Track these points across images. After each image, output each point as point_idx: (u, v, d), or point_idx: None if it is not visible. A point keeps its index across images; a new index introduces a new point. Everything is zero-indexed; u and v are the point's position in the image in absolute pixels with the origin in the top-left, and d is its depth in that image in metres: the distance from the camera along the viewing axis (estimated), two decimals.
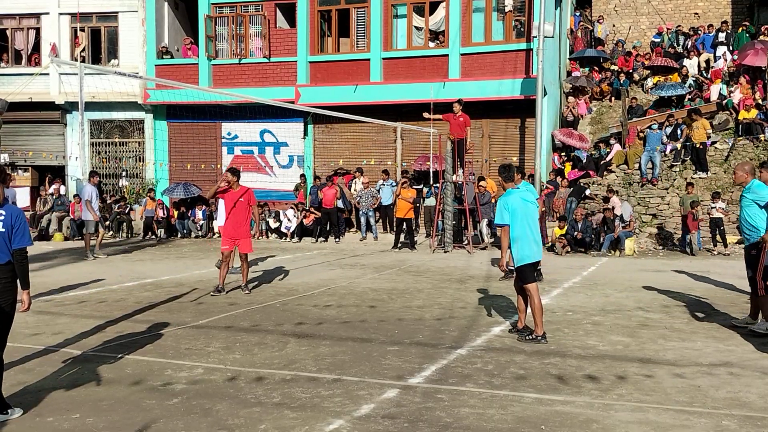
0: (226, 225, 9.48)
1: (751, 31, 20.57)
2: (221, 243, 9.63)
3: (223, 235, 9.66)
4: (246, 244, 9.45)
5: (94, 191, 13.81)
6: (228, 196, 9.41)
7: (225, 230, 9.55)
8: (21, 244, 4.59)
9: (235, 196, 9.36)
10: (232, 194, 9.38)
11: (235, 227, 9.36)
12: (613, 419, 4.49)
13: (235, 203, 9.33)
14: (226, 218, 9.51)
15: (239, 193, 9.38)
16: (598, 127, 19.59)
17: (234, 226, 9.36)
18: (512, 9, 17.74)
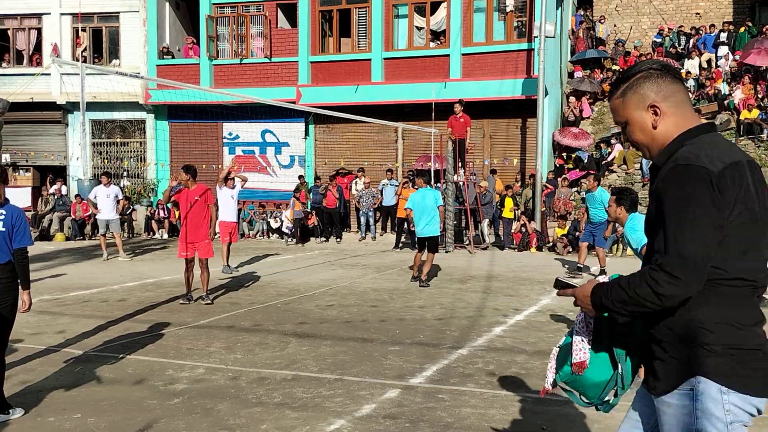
0: (184, 229, 8.66)
1: (753, 31, 20.54)
2: (179, 249, 8.70)
3: (181, 240, 8.73)
4: (205, 248, 8.63)
5: (100, 190, 13.74)
6: (183, 197, 8.64)
7: (181, 235, 8.72)
8: (22, 244, 4.58)
9: (191, 196, 8.60)
10: (187, 194, 8.62)
11: (193, 230, 8.55)
12: (615, 419, 4.49)
13: (192, 204, 8.57)
14: (182, 220, 8.75)
15: (195, 193, 8.61)
16: (599, 127, 19.58)
17: (191, 230, 8.55)
18: (513, 9, 17.73)
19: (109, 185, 13.93)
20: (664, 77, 2.04)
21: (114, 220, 13.89)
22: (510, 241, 15.62)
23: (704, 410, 1.91)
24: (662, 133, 2.04)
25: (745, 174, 1.92)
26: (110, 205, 13.75)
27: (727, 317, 1.92)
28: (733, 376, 1.91)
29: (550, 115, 17.75)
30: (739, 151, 2.01)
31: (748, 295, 1.95)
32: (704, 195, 1.85)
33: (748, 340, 1.93)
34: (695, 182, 1.86)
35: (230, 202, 11.77)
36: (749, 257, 1.93)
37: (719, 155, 1.90)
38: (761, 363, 1.93)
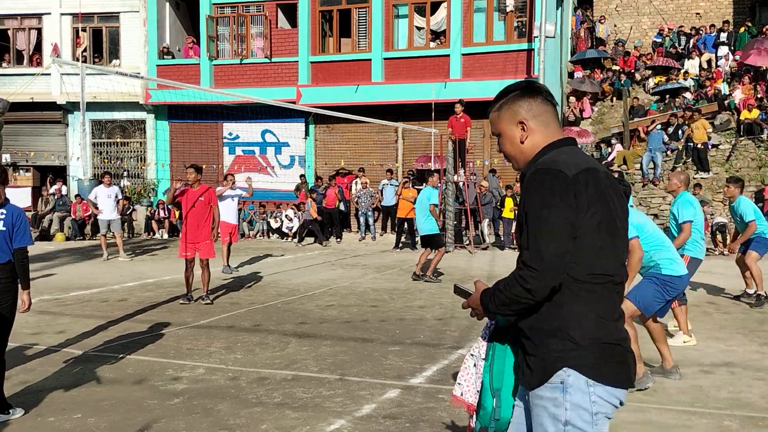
0: (185, 229, 8.59)
1: (753, 31, 20.54)
2: (180, 249, 8.64)
3: (182, 240, 8.68)
4: (207, 249, 8.57)
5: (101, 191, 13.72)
6: (186, 196, 8.55)
7: (183, 235, 8.64)
8: (22, 243, 4.57)
9: (195, 195, 8.53)
10: (191, 194, 8.54)
11: (194, 231, 8.50)
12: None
13: (194, 203, 8.50)
14: (185, 221, 8.65)
15: (199, 193, 8.54)
16: (599, 128, 19.57)
17: (193, 230, 8.49)
18: (513, 9, 17.73)
19: (110, 185, 13.92)
20: (536, 97, 2.23)
21: (115, 220, 13.89)
22: (510, 241, 15.62)
23: (572, 402, 2.02)
24: (529, 147, 2.23)
25: (599, 179, 2.09)
26: (111, 205, 13.74)
27: (592, 312, 2.05)
28: (598, 368, 2.03)
29: None
30: (596, 162, 2.24)
31: (610, 290, 2.10)
32: (559, 196, 2.02)
33: (612, 334, 2.07)
34: (552, 184, 2.03)
35: (231, 204, 11.77)
36: (607, 254, 2.08)
37: (576, 162, 2.08)
38: (622, 356, 2.08)
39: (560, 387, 2.04)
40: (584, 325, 2.04)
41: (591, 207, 2.05)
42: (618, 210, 2.15)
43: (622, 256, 2.17)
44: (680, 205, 6.56)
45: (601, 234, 2.07)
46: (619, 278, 2.12)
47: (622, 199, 2.21)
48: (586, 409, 2.03)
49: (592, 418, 2.03)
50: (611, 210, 2.10)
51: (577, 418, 2.03)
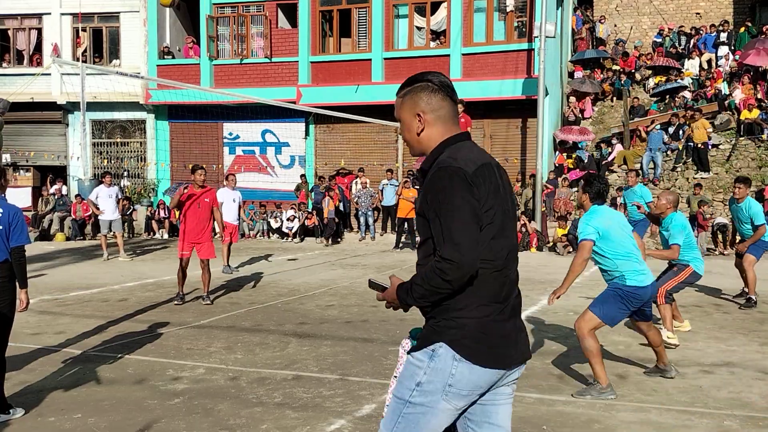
0: (188, 229, 8.57)
1: (753, 31, 20.54)
2: (180, 248, 8.60)
3: (182, 239, 8.63)
4: (208, 249, 8.59)
5: (102, 191, 13.72)
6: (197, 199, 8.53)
7: (186, 234, 8.59)
8: (19, 242, 4.56)
9: (200, 196, 8.56)
10: (195, 194, 8.55)
11: (196, 230, 8.53)
12: (615, 419, 4.49)
13: (199, 204, 8.51)
14: (185, 220, 8.61)
15: (202, 193, 8.58)
16: (599, 127, 19.58)
17: (195, 229, 8.52)
18: (514, 9, 17.73)
19: (110, 185, 13.92)
20: (437, 93, 2.36)
21: (116, 220, 13.90)
22: None
23: (434, 369, 2.21)
24: (425, 138, 2.39)
25: (494, 173, 2.28)
26: (112, 204, 13.74)
27: (475, 295, 2.22)
28: (468, 347, 2.19)
29: (550, 115, 17.75)
30: (489, 156, 2.37)
31: (494, 276, 2.25)
32: (462, 190, 2.17)
33: (490, 317, 2.23)
34: (454, 180, 2.18)
35: (232, 205, 11.76)
36: (497, 243, 2.25)
37: (473, 158, 2.25)
38: (497, 339, 2.24)
39: (430, 354, 2.23)
40: (466, 306, 2.21)
41: (488, 200, 2.22)
42: (508, 201, 2.34)
43: (510, 244, 2.31)
44: (672, 231, 6.48)
45: (494, 225, 2.24)
46: (501, 264, 2.27)
47: (511, 192, 2.40)
48: (443, 379, 2.20)
49: (444, 388, 2.19)
50: (504, 201, 2.29)
51: (429, 384, 2.21)
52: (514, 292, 2.35)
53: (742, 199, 8.35)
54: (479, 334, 2.21)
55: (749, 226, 8.39)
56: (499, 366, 2.24)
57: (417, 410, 2.23)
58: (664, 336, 6.24)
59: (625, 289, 4.97)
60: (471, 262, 2.14)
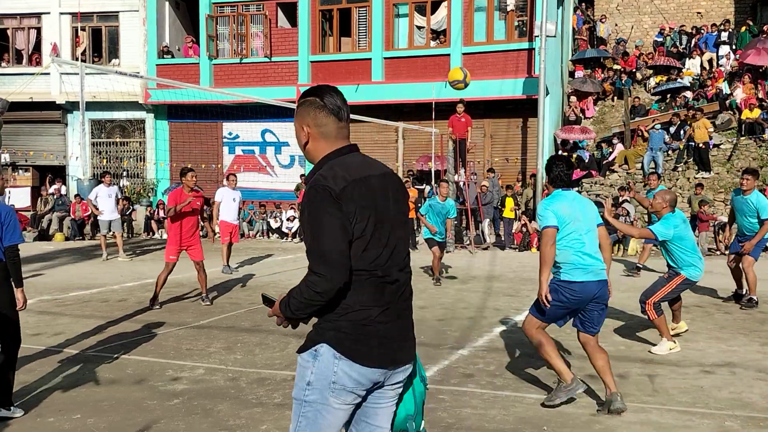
0: (179, 231, 8.39)
1: (754, 30, 20.52)
2: (168, 252, 8.39)
3: (173, 243, 8.39)
4: (198, 251, 8.52)
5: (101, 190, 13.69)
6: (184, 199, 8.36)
7: (177, 237, 8.40)
8: (12, 241, 4.58)
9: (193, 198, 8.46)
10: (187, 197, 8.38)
11: (189, 234, 8.45)
12: (616, 420, 4.47)
13: (191, 208, 8.41)
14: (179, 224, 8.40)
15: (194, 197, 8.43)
16: (600, 127, 19.56)
17: (188, 234, 8.44)
18: (514, 8, 17.71)
19: (110, 185, 13.89)
20: (322, 110, 2.48)
21: (116, 220, 13.88)
22: (511, 241, 15.61)
23: (319, 368, 2.38)
24: (311, 150, 2.53)
25: (371, 186, 2.41)
26: (112, 204, 13.72)
27: (355, 301, 2.36)
28: (348, 347, 2.35)
29: (551, 114, 17.73)
30: (375, 167, 2.51)
31: (374, 283, 2.38)
32: (329, 207, 2.31)
33: (369, 320, 2.37)
34: (322, 198, 2.33)
35: (232, 204, 11.73)
36: (373, 254, 2.37)
37: (345, 175, 2.37)
38: (376, 340, 2.38)
39: (314, 354, 2.40)
40: (346, 310, 2.37)
41: (358, 215, 2.34)
42: (391, 209, 2.47)
43: (389, 252, 2.43)
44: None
45: (365, 236, 2.36)
46: (381, 272, 2.39)
47: (399, 200, 2.53)
48: (327, 377, 2.37)
49: (330, 386, 2.37)
50: (384, 210, 2.42)
51: (317, 382, 2.39)
52: (399, 295, 2.47)
53: (749, 191, 8.08)
54: (358, 335, 2.36)
55: (754, 220, 8.12)
56: (380, 365, 2.39)
57: (313, 407, 2.40)
58: (665, 348, 6.12)
59: (558, 282, 4.60)
60: (339, 275, 2.30)
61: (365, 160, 2.52)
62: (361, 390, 2.41)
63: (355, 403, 2.44)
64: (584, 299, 4.58)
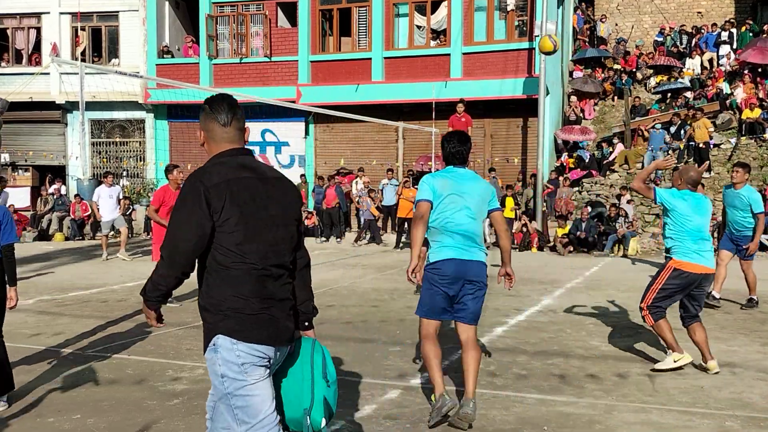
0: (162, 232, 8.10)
1: (755, 29, 20.52)
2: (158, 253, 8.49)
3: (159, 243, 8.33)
4: None
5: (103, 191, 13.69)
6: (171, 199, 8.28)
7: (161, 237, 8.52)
8: (8, 240, 4.63)
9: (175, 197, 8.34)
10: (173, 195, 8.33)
11: None
12: (616, 420, 4.47)
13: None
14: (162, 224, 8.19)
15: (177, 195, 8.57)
16: (600, 127, 19.55)
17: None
18: (514, 8, 17.71)
19: (111, 185, 13.88)
20: (209, 116, 2.77)
21: (118, 218, 13.89)
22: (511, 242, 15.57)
23: (223, 358, 2.61)
24: (206, 150, 2.84)
25: (246, 186, 2.64)
26: (113, 204, 13.71)
27: (235, 292, 2.60)
28: (239, 331, 2.59)
29: (551, 114, 17.72)
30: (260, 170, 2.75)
31: (252, 275, 2.61)
32: (194, 200, 2.56)
33: (252, 307, 2.61)
34: (190, 192, 2.59)
35: None
36: (247, 247, 2.60)
37: (221, 173, 2.63)
38: (261, 322, 2.62)
39: (214, 348, 2.63)
40: (228, 301, 2.60)
41: (227, 211, 2.56)
42: (269, 209, 2.68)
43: (266, 247, 2.65)
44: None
45: (238, 231, 2.58)
46: (259, 264, 2.63)
47: (282, 202, 2.74)
48: (233, 362, 2.59)
49: (240, 368, 2.59)
50: (257, 212, 2.64)
51: (228, 371, 2.60)
52: (279, 285, 2.71)
53: (741, 184, 7.93)
54: (243, 320, 2.60)
55: (746, 215, 7.97)
56: (269, 342, 2.64)
57: (239, 394, 2.60)
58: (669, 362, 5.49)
59: (426, 266, 4.36)
60: (182, 262, 2.57)
61: (250, 163, 2.76)
62: (265, 361, 2.64)
63: (269, 372, 2.67)
64: (453, 279, 4.25)
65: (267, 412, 2.61)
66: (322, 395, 2.75)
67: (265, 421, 2.60)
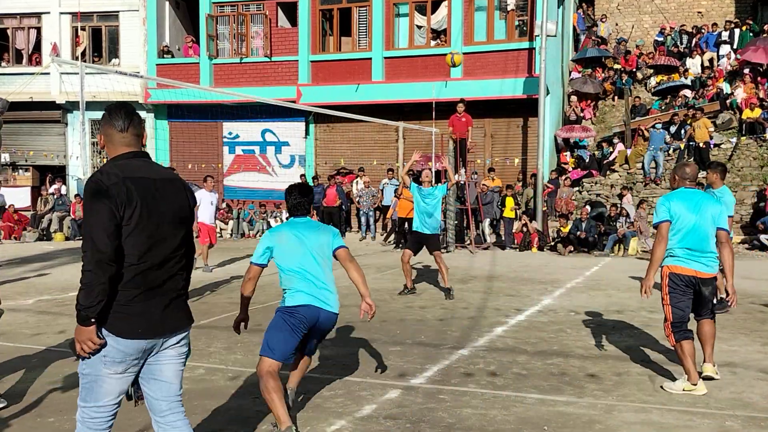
0: None
1: (755, 29, 20.50)
2: None
3: None
4: None
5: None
6: None
7: None
8: None
9: None
10: None
11: None
12: (616, 420, 4.47)
13: None
14: None
15: None
16: (601, 127, 19.55)
17: None
18: (514, 8, 17.70)
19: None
20: (108, 123, 2.98)
21: None
22: (511, 241, 15.59)
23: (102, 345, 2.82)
24: (107, 153, 3.01)
25: (139, 185, 2.84)
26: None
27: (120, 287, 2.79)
28: (112, 325, 2.80)
29: (551, 114, 17.72)
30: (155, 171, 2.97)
31: (133, 268, 2.80)
32: (98, 197, 2.75)
33: (129, 301, 2.80)
34: (93, 191, 2.77)
35: (209, 207, 11.76)
36: (134, 242, 2.80)
37: (118, 173, 2.82)
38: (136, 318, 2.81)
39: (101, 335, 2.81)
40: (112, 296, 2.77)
41: (126, 209, 2.77)
42: (161, 209, 2.90)
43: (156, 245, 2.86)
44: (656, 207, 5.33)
45: (129, 226, 2.78)
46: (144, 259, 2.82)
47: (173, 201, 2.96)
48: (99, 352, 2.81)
49: (101, 359, 2.81)
50: (148, 209, 2.84)
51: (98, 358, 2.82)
52: (165, 279, 2.90)
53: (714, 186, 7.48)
54: (121, 314, 2.79)
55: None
56: (143, 337, 2.84)
57: (89, 378, 2.84)
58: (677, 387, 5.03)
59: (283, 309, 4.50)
60: (103, 249, 2.69)
61: (145, 164, 2.98)
62: (131, 359, 2.85)
63: (131, 372, 2.89)
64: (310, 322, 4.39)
65: (107, 402, 2.87)
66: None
67: (101, 410, 2.86)
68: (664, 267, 5.14)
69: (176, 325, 2.98)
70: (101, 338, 2.79)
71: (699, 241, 5.05)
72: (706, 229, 5.08)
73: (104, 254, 2.69)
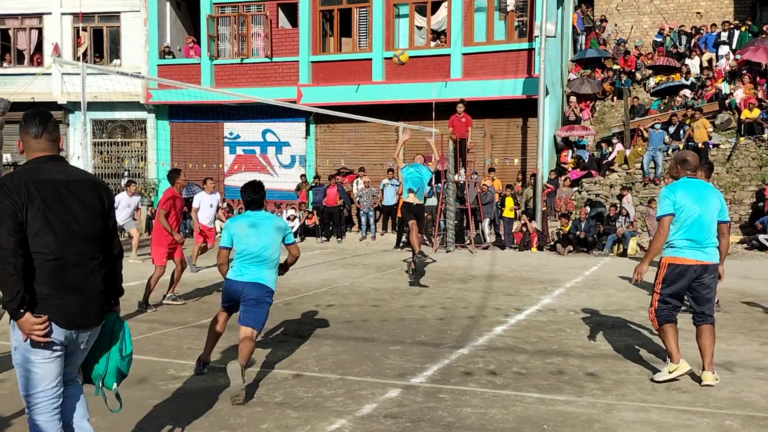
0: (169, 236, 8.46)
1: (754, 30, 20.53)
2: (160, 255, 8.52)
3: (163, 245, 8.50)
4: (181, 249, 8.76)
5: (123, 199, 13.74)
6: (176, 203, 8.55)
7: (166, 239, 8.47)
8: None
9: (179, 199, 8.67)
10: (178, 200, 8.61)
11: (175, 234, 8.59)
12: (616, 419, 4.49)
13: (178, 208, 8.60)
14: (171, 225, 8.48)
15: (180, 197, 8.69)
16: (600, 127, 19.57)
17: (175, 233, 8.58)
18: (514, 8, 17.72)
19: (133, 194, 13.92)
20: (23, 129, 3.19)
21: (128, 221, 13.92)
22: (511, 241, 15.62)
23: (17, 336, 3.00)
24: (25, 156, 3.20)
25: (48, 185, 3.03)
26: (129, 213, 13.77)
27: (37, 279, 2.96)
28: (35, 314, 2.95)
29: (551, 114, 17.74)
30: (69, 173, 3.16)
31: (46, 264, 2.97)
32: (2, 200, 2.92)
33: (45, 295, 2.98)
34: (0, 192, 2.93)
35: (209, 209, 11.73)
36: (44, 239, 2.97)
37: (22, 177, 3.01)
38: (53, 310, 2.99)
39: (13, 325, 3.00)
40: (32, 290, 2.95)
41: (28, 208, 2.94)
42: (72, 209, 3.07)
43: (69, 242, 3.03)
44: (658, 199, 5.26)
45: (36, 224, 2.96)
46: (56, 255, 2.99)
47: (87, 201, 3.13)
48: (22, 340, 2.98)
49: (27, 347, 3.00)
50: (56, 208, 3.02)
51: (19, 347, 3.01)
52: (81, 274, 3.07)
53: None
54: (39, 306, 2.95)
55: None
56: (62, 327, 3.01)
57: (23, 367, 3.03)
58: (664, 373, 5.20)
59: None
60: (5, 246, 2.85)
61: (57, 167, 3.14)
62: (56, 344, 3.02)
63: (58, 355, 3.06)
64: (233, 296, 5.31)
65: (46, 387, 3.05)
66: (116, 366, 3.41)
67: (41, 395, 3.05)
68: (664, 258, 5.15)
69: (90, 321, 3.15)
70: (40, 317, 2.94)
71: (702, 233, 5.04)
72: (710, 221, 5.08)
73: (6, 250, 2.85)
